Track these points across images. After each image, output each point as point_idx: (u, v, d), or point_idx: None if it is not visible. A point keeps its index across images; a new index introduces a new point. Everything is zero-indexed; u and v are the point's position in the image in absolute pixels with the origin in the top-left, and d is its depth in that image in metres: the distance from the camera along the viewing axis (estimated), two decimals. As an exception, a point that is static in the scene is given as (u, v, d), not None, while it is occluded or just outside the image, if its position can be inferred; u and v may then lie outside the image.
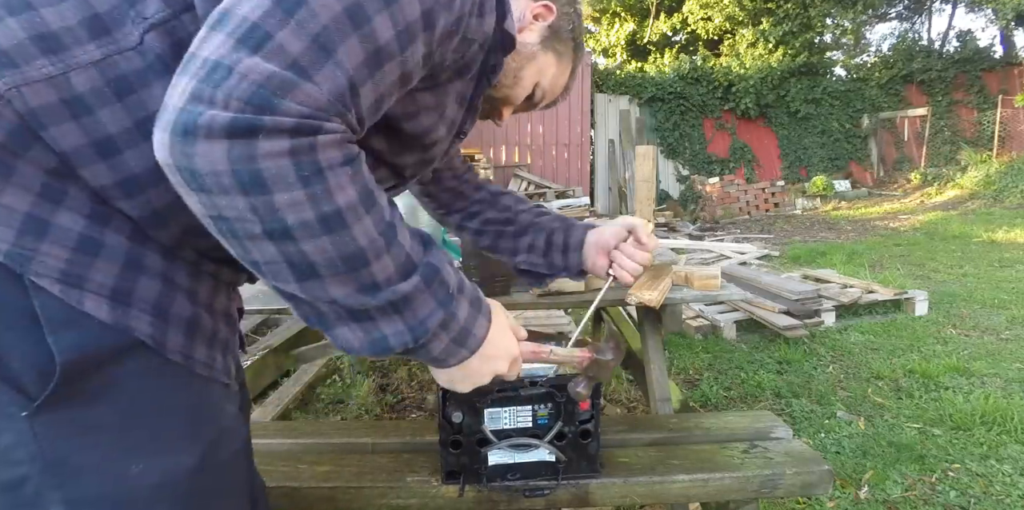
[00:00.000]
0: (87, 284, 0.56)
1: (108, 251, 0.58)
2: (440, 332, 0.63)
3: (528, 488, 1.08)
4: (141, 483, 0.59)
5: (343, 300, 0.56)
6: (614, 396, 2.67)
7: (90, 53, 0.56)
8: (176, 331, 0.62)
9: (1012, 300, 4.08)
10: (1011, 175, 9.81)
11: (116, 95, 0.56)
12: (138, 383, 0.60)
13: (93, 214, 0.58)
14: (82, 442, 0.57)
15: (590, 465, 1.10)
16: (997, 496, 1.85)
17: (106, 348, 0.57)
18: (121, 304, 0.58)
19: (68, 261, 0.55)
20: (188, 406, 0.64)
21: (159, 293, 0.61)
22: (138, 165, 0.58)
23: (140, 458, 0.60)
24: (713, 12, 13.70)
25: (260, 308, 1.59)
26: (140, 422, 0.60)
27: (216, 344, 0.68)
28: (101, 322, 0.56)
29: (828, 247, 6.46)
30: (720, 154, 11.83)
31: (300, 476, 1.14)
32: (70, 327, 0.55)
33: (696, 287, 1.68)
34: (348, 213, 0.53)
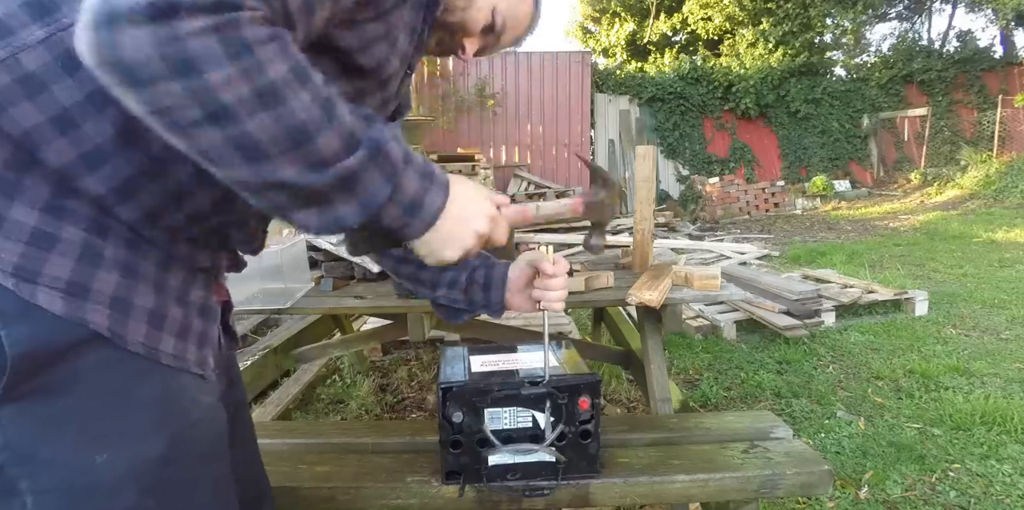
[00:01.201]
0: (40, 278, 0.57)
1: (63, 245, 0.58)
2: (388, 205, 0.62)
3: (528, 488, 1.08)
4: (106, 473, 0.60)
5: (294, 180, 0.55)
6: (614, 396, 2.67)
7: (35, 34, 0.57)
8: (138, 323, 0.63)
9: (1012, 300, 4.08)
10: (1011, 175, 9.81)
11: (65, 70, 0.57)
12: (99, 375, 0.61)
13: (48, 208, 0.58)
14: (45, 433, 0.58)
15: (590, 465, 1.10)
16: (997, 496, 1.85)
17: (62, 341, 0.58)
18: (76, 297, 0.58)
19: (21, 255, 0.56)
20: (153, 397, 0.64)
21: (118, 285, 0.61)
22: (98, 135, 0.59)
23: (104, 448, 0.60)
24: (713, 12, 13.70)
25: (260, 308, 1.60)
26: (102, 413, 0.61)
27: (189, 335, 0.69)
28: (55, 316, 0.57)
29: (828, 247, 6.46)
30: (720, 154, 11.83)
31: (300, 476, 1.14)
32: (23, 321, 0.56)
33: (696, 287, 1.68)
34: (283, 87, 0.52)
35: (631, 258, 2.03)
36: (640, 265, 1.97)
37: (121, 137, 0.60)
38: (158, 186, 0.62)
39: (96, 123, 0.58)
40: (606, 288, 1.73)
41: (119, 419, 0.62)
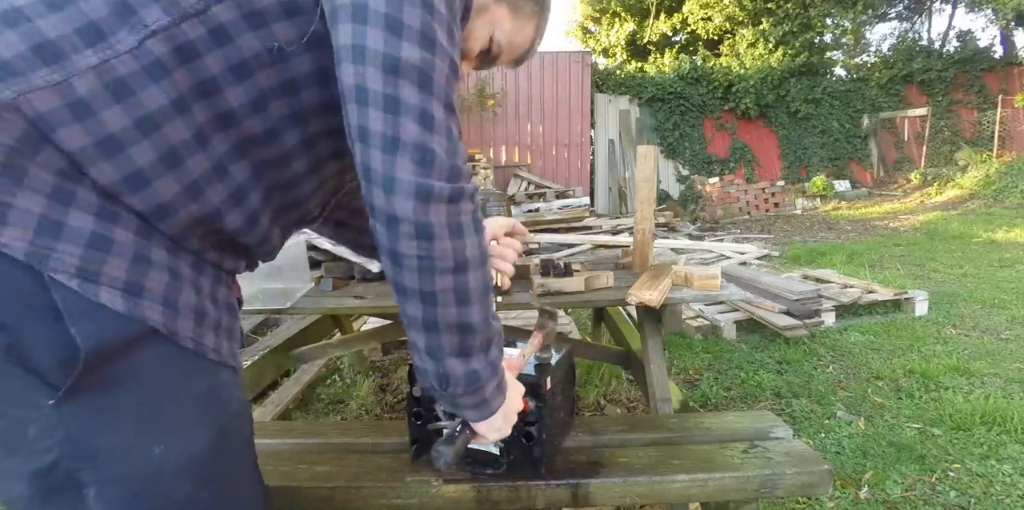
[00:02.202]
0: (101, 278, 0.61)
1: (118, 247, 0.63)
2: (494, 376, 0.80)
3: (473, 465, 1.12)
4: (163, 463, 0.65)
5: (476, 323, 0.73)
6: (614, 396, 2.67)
7: (88, 59, 0.60)
8: (186, 319, 0.68)
9: (1012, 300, 4.08)
10: (1011, 175, 9.81)
11: (115, 97, 0.61)
12: (154, 369, 0.65)
13: (101, 213, 0.62)
14: (106, 426, 0.62)
15: (534, 469, 1.10)
16: (997, 496, 1.85)
17: (123, 336, 0.62)
18: (134, 296, 0.63)
19: (82, 257, 0.60)
20: (202, 389, 0.70)
21: (167, 285, 0.66)
22: (141, 160, 0.63)
23: (160, 439, 0.65)
24: (713, 12, 13.70)
25: (260, 308, 1.59)
26: (159, 405, 0.65)
27: (221, 331, 0.74)
28: (116, 313, 0.61)
29: (828, 247, 6.46)
30: (720, 154, 11.83)
31: (300, 476, 1.14)
32: (89, 318, 0.59)
33: (696, 287, 1.68)
34: (487, 254, 0.75)
35: (631, 258, 2.03)
36: (640, 265, 1.97)
37: (163, 162, 0.64)
38: (197, 206, 0.68)
39: (140, 149, 0.63)
40: (606, 288, 1.73)
41: (173, 411, 0.66)
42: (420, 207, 0.66)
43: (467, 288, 0.71)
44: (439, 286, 0.69)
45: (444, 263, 0.69)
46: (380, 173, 0.66)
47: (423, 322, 0.72)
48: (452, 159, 0.69)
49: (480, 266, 0.72)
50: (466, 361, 0.75)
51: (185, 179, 0.66)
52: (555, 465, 1.16)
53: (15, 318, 0.58)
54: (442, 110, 0.68)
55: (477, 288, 0.72)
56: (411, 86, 0.65)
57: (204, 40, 0.64)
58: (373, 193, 0.67)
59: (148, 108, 0.62)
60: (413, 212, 0.66)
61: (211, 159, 0.68)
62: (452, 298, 0.71)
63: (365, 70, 0.64)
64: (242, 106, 0.68)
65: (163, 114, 0.63)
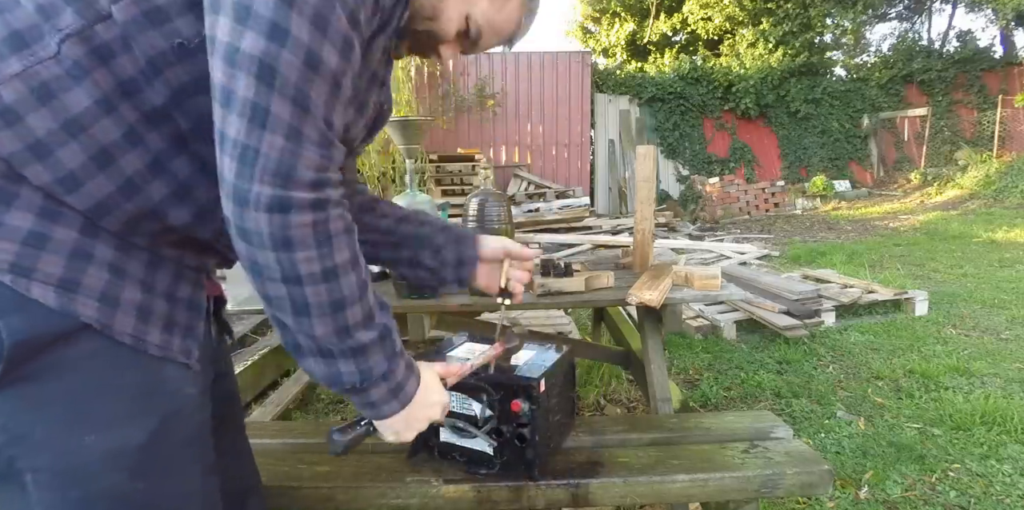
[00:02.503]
0: (34, 274, 0.62)
1: (55, 244, 0.64)
2: (380, 382, 0.76)
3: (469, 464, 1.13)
4: (93, 453, 0.66)
5: (321, 337, 0.70)
6: (614, 396, 2.67)
7: (12, 66, 0.62)
8: (125, 316, 0.68)
9: (1012, 300, 4.08)
10: (1011, 175, 9.80)
11: (39, 101, 0.62)
12: (88, 362, 0.66)
13: (43, 212, 0.64)
14: (38, 415, 0.64)
15: (527, 470, 1.10)
16: (997, 496, 1.85)
17: (53, 330, 0.63)
18: (68, 291, 0.64)
19: (17, 254, 0.62)
20: (139, 383, 0.70)
21: (107, 282, 0.67)
22: (71, 161, 0.64)
23: (91, 430, 0.66)
24: (713, 12, 13.70)
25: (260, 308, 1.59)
26: (90, 398, 0.66)
27: (175, 328, 0.74)
28: (48, 308, 0.63)
29: (828, 247, 6.46)
30: (720, 154, 11.83)
31: (300, 476, 1.14)
32: (19, 312, 0.62)
33: (696, 287, 1.68)
34: (341, 269, 0.69)
35: (631, 258, 2.03)
36: (640, 265, 1.97)
37: (94, 162, 0.65)
38: (134, 205, 0.68)
39: (68, 150, 0.64)
40: (606, 288, 1.73)
41: (106, 403, 0.67)
42: (237, 211, 0.64)
43: (304, 302, 0.68)
44: (272, 293, 0.68)
45: (269, 273, 0.66)
46: (217, 168, 0.64)
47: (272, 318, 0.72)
48: (286, 162, 0.63)
49: (320, 281, 0.67)
50: (328, 362, 0.73)
51: (118, 178, 0.66)
52: (555, 465, 1.16)
53: None
54: (287, 107, 0.62)
55: (318, 303, 0.68)
56: (247, 78, 0.61)
57: (117, 41, 0.64)
58: None
59: (73, 111, 0.63)
60: (231, 215, 0.64)
61: (145, 157, 0.67)
62: (288, 306, 0.68)
63: (214, 62, 0.63)
64: (166, 104, 0.67)
65: (89, 115, 0.64)
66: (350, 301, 0.70)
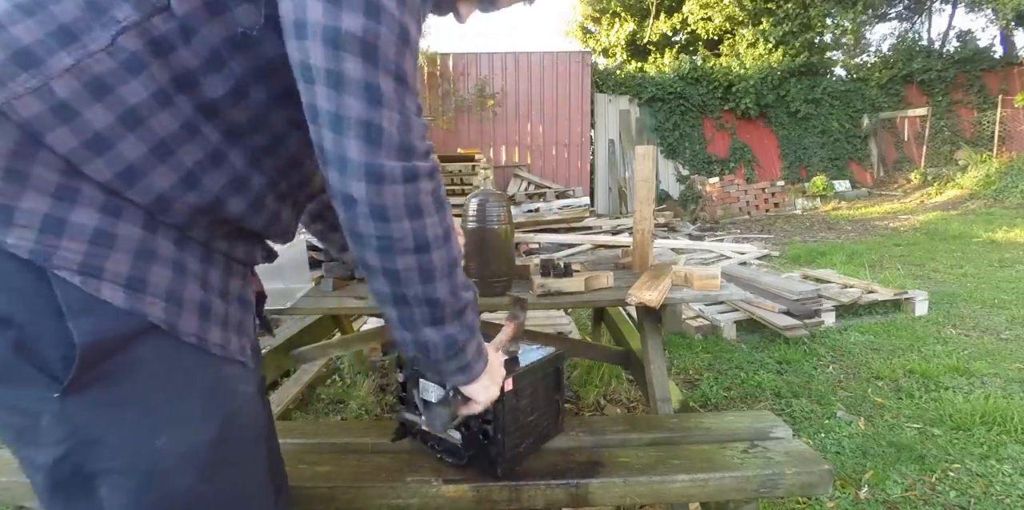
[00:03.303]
0: (104, 273, 0.62)
1: (121, 242, 0.64)
2: (472, 339, 0.81)
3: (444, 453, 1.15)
4: (166, 455, 0.66)
5: (444, 297, 0.74)
6: (614, 396, 2.67)
7: (63, 60, 0.60)
8: (189, 315, 0.68)
9: (1012, 300, 4.08)
10: (1011, 175, 9.80)
11: (94, 95, 0.61)
12: (156, 363, 0.66)
13: (106, 208, 0.63)
14: (109, 419, 0.64)
15: (491, 468, 1.09)
16: (997, 496, 1.85)
17: (123, 332, 0.63)
18: (136, 291, 0.64)
19: (85, 253, 0.61)
20: (205, 383, 0.70)
21: (171, 280, 0.67)
22: (131, 154, 0.63)
23: (163, 432, 0.66)
24: (713, 12, 13.70)
25: (260, 308, 1.59)
26: (160, 399, 0.66)
27: (230, 326, 0.74)
28: (117, 308, 0.62)
29: (828, 247, 6.46)
30: (720, 154, 11.83)
31: (300, 476, 1.14)
32: (88, 313, 0.61)
33: (696, 287, 1.68)
34: (452, 231, 0.73)
35: (631, 258, 2.03)
36: (640, 265, 1.97)
37: (154, 155, 0.65)
38: (195, 196, 0.68)
39: (127, 144, 0.63)
40: (606, 288, 1.73)
41: (176, 405, 0.67)
42: (373, 188, 0.65)
43: (431, 267, 0.71)
44: (401, 265, 0.70)
45: (404, 244, 0.68)
46: (332, 153, 0.65)
47: (391, 296, 0.73)
48: (404, 135, 0.66)
49: (443, 244, 0.71)
50: (440, 328, 0.76)
51: (180, 169, 0.66)
52: (553, 465, 1.16)
53: (22, 315, 0.60)
54: (391, 82, 0.64)
55: (442, 266, 0.72)
56: (354, 59, 0.62)
57: (175, 33, 0.63)
58: (328, 173, 0.66)
59: (129, 103, 0.62)
60: (367, 194, 0.65)
61: (204, 148, 0.68)
62: (416, 276, 0.71)
63: (307, 45, 0.62)
64: (223, 96, 0.67)
65: (146, 108, 0.63)
66: (458, 260, 0.75)
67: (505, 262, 1.64)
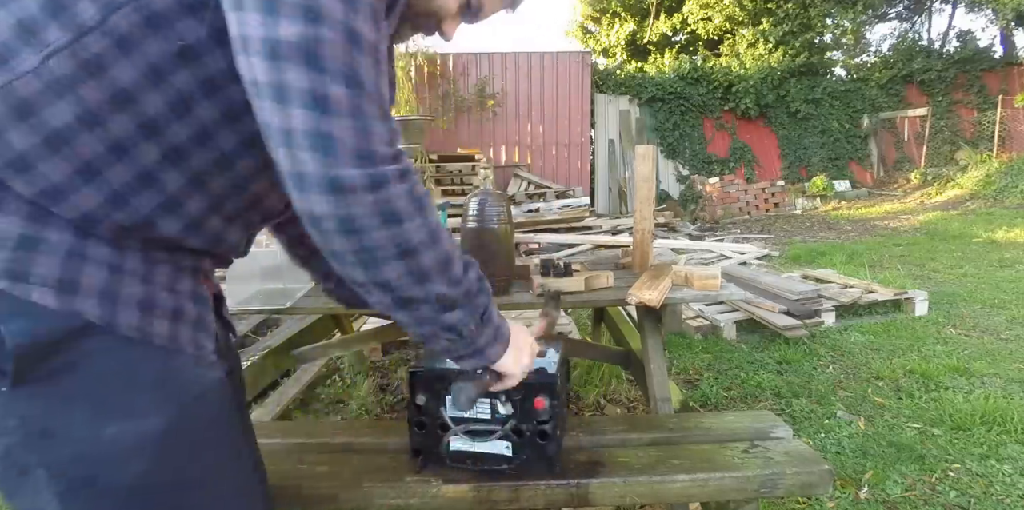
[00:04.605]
0: (31, 277, 0.63)
1: (48, 246, 0.64)
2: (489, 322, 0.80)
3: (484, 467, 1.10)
4: (114, 444, 0.67)
5: (445, 292, 0.72)
6: (614, 396, 2.67)
7: None
8: (128, 311, 0.68)
9: (1012, 300, 4.08)
10: (1011, 175, 9.80)
11: (19, 117, 0.62)
12: (99, 358, 0.67)
13: (32, 215, 0.64)
14: (56, 411, 0.65)
15: (548, 467, 1.09)
16: (997, 496, 1.85)
17: (59, 331, 0.64)
18: (67, 293, 0.64)
19: (10, 260, 0.63)
20: (151, 376, 0.70)
21: (106, 280, 0.67)
22: (54, 175, 0.64)
23: (111, 423, 0.67)
24: (713, 12, 13.70)
25: (260, 308, 1.59)
26: (107, 391, 0.67)
27: (181, 319, 0.74)
28: (49, 309, 0.63)
29: (828, 247, 6.46)
30: (720, 154, 11.83)
31: (300, 476, 1.14)
32: (20, 316, 0.62)
33: (696, 287, 1.68)
34: (438, 227, 0.71)
35: (631, 258, 2.03)
36: (640, 265, 1.97)
37: (79, 176, 0.65)
38: (122, 216, 0.68)
39: (51, 165, 0.64)
40: (606, 288, 1.73)
41: (122, 397, 0.68)
42: (335, 200, 0.62)
43: (421, 269, 0.69)
44: (390, 275, 0.68)
45: (385, 252, 0.66)
46: (288, 171, 0.63)
47: (393, 303, 0.72)
48: (362, 142, 0.63)
49: (431, 245, 0.69)
50: (458, 310, 0.75)
51: (105, 190, 0.66)
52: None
53: None
54: (342, 89, 0.61)
55: (433, 264, 0.70)
56: (296, 68, 0.60)
57: (109, 51, 0.62)
58: (291, 194, 0.64)
59: (53, 125, 0.62)
60: (330, 207, 0.63)
61: (133, 169, 0.66)
62: (409, 281, 0.69)
63: (252, 60, 0.61)
64: (163, 113, 0.66)
65: (70, 130, 0.63)
66: (453, 253, 0.73)
67: (505, 262, 1.64)
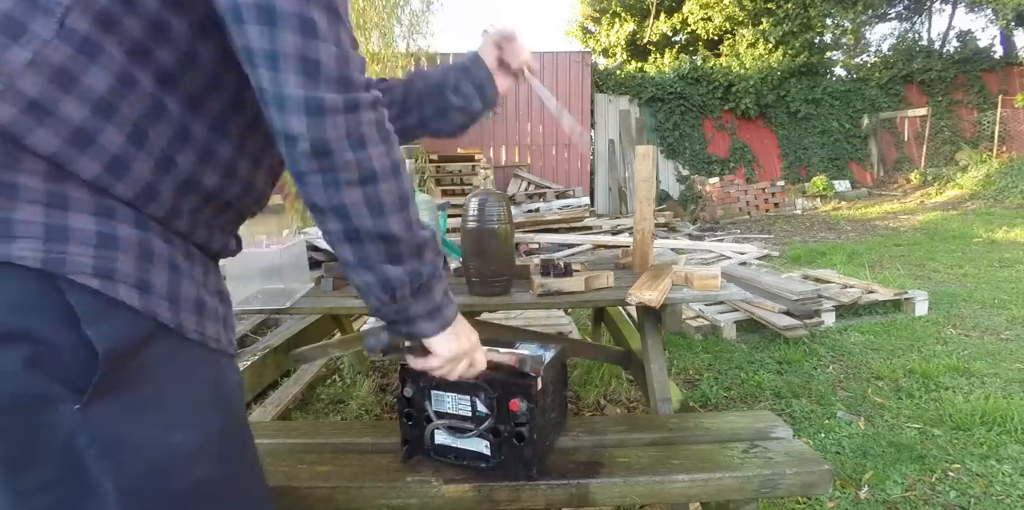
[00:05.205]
0: (116, 275, 0.61)
1: (123, 244, 0.63)
2: (437, 278, 0.80)
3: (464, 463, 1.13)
4: (183, 450, 0.67)
5: (398, 233, 0.73)
6: (614, 396, 2.67)
7: (19, 55, 0.57)
8: (188, 312, 0.69)
9: (1012, 300, 4.08)
10: (1011, 175, 9.81)
11: (63, 89, 0.59)
12: (167, 364, 0.67)
13: (98, 210, 0.62)
14: (133, 422, 0.64)
15: (525, 469, 1.10)
16: (997, 496, 1.85)
17: (138, 335, 0.63)
18: (145, 292, 0.64)
19: (95, 257, 0.60)
20: (208, 378, 0.72)
21: (169, 279, 0.67)
22: (112, 145, 0.62)
23: (179, 428, 0.67)
24: (713, 12, 13.70)
25: (260, 308, 1.59)
26: (175, 397, 0.67)
27: (218, 319, 0.75)
28: (131, 310, 0.62)
29: (828, 247, 6.46)
30: (720, 154, 11.83)
31: (300, 476, 1.14)
32: (104, 319, 0.60)
33: (696, 287, 1.68)
34: (401, 164, 0.72)
35: (631, 258, 2.03)
36: (640, 265, 1.97)
37: (131, 142, 0.64)
38: (173, 178, 0.68)
39: (107, 135, 0.62)
40: (606, 288, 1.73)
41: (187, 401, 0.69)
42: (313, 121, 0.64)
43: (379, 199, 0.70)
44: (348, 199, 0.69)
45: (348, 176, 0.68)
46: (270, 92, 0.64)
47: (344, 234, 0.72)
48: (343, 68, 0.66)
49: (391, 176, 0.70)
50: (400, 265, 0.75)
51: (155, 152, 0.66)
52: (555, 465, 1.16)
53: (37, 327, 0.58)
54: (324, 15, 0.64)
55: (391, 200, 0.71)
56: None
57: (115, 2, 0.61)
58: (271, 115, 0.65)
59: (98, 91, 0.60)
60: (308, 128, 0.64)
61: (172, 125, 0.66)
62: (365, 210, 0.70)
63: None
64: (175, 63, 0.65)
65: (114, 93, 0.61)
66: (409, 195, 0.74)
67: (505, 262, 1.64)
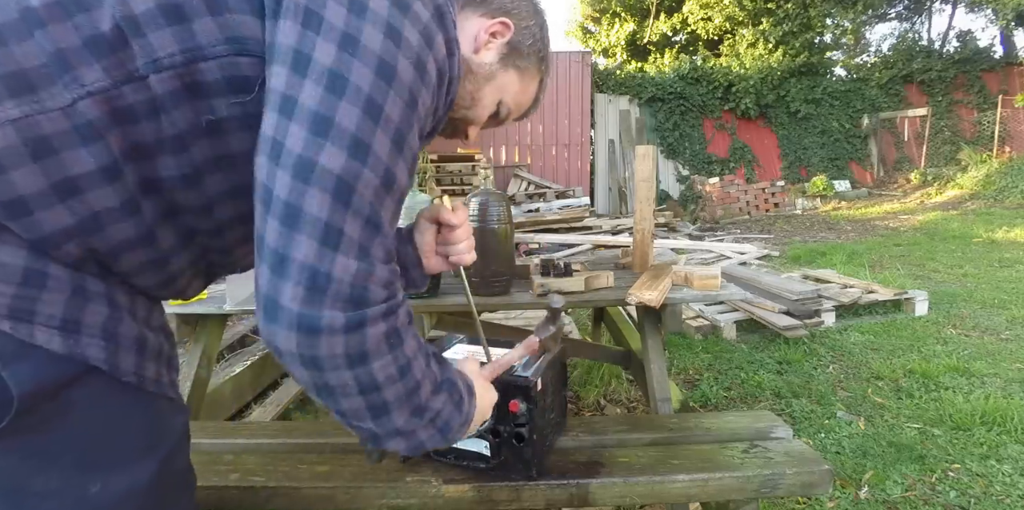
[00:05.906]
0: (36, 317, 0.57)
1: (53, 282, 0.59)
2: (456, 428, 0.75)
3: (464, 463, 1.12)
4: (101, 500, 0.61)
5: (401, 426, 0.68)
6: (614, 396, 2.67)
7: (7, 111, 0.54)
8: (127, 352, 0.64)
9: (1012, 300, 4.08)
10: (1011, 175, 9.81)
11: (32, 156, 0.55)
12: (92, 407, 0.61)
13: (33, 247, 0.58)
14: (38, 468, 0.58)
15: (525, 470, 1.10)
16: (997, 496, 1.85)
17: (60, 377, 0.58)
18: (72, 333, 0.59)
19: (15, 297, 0.56)
20: (142, 423, 0.66)
21: (107, 317, 0.63)
22: (50, 226, 0.57)
23: (98, 478, 0.61)
24: (713, 12, 13.70)
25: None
26: (96, 444, 0.62)
27: (162, 360, 0.70)
28: (53, 353, 0.57)
29: (828, 247, 6.46)
30: (720, 154, 11.83)
31: (300, 476, 1.14)
32: (22, 360, 0.56)
33: (696, 287, 1.68)
34: (412, 359, 0.66)
35: (631, 258, 2.03)
36: (640, 265, 1.97)
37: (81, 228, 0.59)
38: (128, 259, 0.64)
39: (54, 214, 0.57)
40: (606, 288, 1.73)
41: (112, 448, 0.63)
42: (304, 341, 0.58)
43: (382, 404, 0.64)
44: (347, 407, 0.64)
45: (347, 389, 0.62)
46: (263, 294, 0.58)
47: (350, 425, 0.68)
48: (359, 283, 0.59)
49: (398, 380, 0.64)
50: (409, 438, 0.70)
51: (105, 246, 0.62)
52: (553, 465, 1.16)
53: None
54: (359, 227, 0.58)
55: (397, 398, 0.65)
56: (322, 196, 0.56)
57: (143, 106, 0.58)
58: (257, 315, 0.59)
59: (71, 171, 0.56)
60: (297, 346, 0.58)
61: (138, 227, 0.63)
62: (367, 415, 0.65)
63: (276, 171, 0.57)
64: (175, 178, 0.63)
65: (89, 180, 0.58)
66: (423, 382, 0.68)
67: (505, 262, 1.64)
